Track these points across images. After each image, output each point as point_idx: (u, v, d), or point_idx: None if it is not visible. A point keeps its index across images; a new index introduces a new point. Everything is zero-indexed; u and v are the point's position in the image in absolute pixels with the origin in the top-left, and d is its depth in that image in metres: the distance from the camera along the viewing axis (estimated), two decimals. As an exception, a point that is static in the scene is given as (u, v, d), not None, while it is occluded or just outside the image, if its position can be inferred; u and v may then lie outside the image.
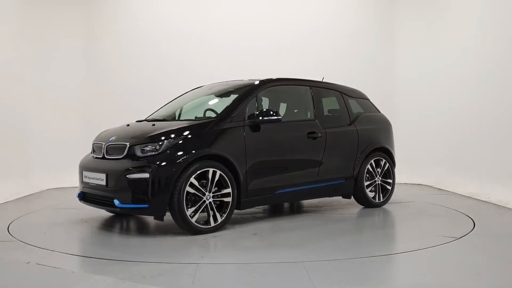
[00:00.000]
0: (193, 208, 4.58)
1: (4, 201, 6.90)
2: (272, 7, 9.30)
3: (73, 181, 6.97)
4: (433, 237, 4.72)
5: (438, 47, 8.82)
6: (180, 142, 4.65)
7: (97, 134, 5.54)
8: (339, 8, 9.45)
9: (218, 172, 4.71)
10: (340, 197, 6.44)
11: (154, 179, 4.44)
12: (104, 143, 4.99)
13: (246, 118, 5.10)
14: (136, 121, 5.73)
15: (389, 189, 6.39)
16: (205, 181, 4.66)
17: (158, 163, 4.50)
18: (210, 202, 4.68)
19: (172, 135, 4.68)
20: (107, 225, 5.23)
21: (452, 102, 8.34)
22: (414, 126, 8.92)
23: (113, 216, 5.70)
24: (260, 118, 5.08)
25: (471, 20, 7.91)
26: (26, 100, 8.35)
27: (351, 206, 6.32)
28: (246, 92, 5.33)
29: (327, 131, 5.75)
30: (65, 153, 8.55)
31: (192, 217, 4.58)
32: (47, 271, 3.52)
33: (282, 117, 5.74)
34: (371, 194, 6.20)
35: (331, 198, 6.73)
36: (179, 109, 5.81)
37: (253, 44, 9.14)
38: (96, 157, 5.09)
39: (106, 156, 4.91)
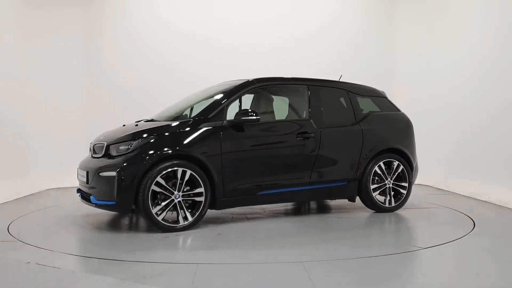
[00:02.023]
0: (159, 206, 4.68)
1: (4, 201, 6.90)
2: (273, 7, 9.30)
3: (73, 181, 6.96)
4: (433, 237, 4.73)
5: (438, 47, 8.82)
6: (149, 142, 4.79)
7: (97, 134, 5.65)
8: (339, 8, 9.46)
9: (189, 172, 4.77)
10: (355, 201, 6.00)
11: (119, 177, 4.61)
12: (93, 143, 5.28)
13: (226, 118, 5.10)
14: (136, 122, 5.73)
15: (403, 193, 5.94)
16: (177, 180, 4.75)
17: (125, 162, 4.67)
18: (179, 201, 4.76)
19: (143, 135, 4.84)
20: (107, 225, 5.23)
21: (452, 102, 8.34)
22: (414, 126, 8.87)
23: (113, 215, 5.69)
24: (238, 118, 5.07)
25: (471, 20, 7.91)
26: (26, 100, 8.34)
27: (361, 210, 6.00)
28: (228, 93, 5.32)
29: (323, 131, 5.53)
30: (65, 153, 8.56)
31: (158, 215, 4.68)
32: (47, 271, 3.52)
33: (272, 117, 5.72)
34: (381, 198, 5.86)
35: (345, 201, 6.35)
36: (189, 109, 5.75)
37: (253, 43, 9.14)
38: (90, 156, 5.31)
39: (93, 155, 5.17)
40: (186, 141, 4.87)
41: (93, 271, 3.59)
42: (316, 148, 5.49)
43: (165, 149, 4.76)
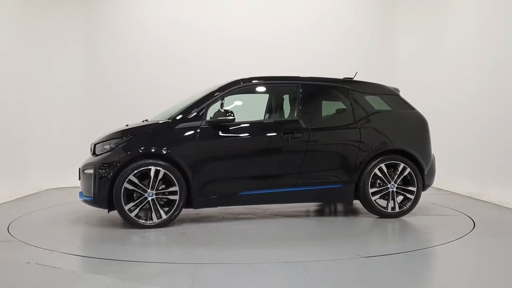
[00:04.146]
0: (132, 203, 4.87)
1: (4, 201, 6.90)
2: (274, 6, 9.32)
3: (73, 181, 6.97)
4: (433, 237, 4.73)
5: (439, 47, 8.82)
6: (126, 141, 5.00)
7: (97, 134, 5.68)
8: (339, 7, 9.47)
9: (162, 171, 4.89)
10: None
11: (95, 175, 4.89)
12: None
13: (206, 119, 5.14)
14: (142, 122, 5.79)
15: (410, 198, 5.53)
16: (151, 179, 4.89)
17: (102, 160, 4.96)
18: (153, 199, 4.90)
19: (122, 135, 5.06)
20: (107, 225, 5.22)
21: (452, 102, 8.34)
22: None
23: (115, 214, 5.69)
24: (215, 118, 5.09)
25: (471, 19, 7.91)
26: (26, 100, 8.35)
27: (367, 213, 5.72)
28: (210, 93, 5.33)
29: (313, 131, 5.33)
30: (65, 153, 8.57)
31: (131, 211, 4.87)
32: (47, 271, 3.52)
33: (259, 116, 5.73)
34: (384, 203, 5.51)
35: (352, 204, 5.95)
36: None
37: (256, 42, 9.14)
38: None
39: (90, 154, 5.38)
40: (160, 141, 5.01)
41: (93, 271, 3.59)
42: (304, 148, 5.30)
43: (137, 148, 4.94)
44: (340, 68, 8.26)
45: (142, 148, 4.94)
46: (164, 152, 4.95)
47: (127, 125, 5.41)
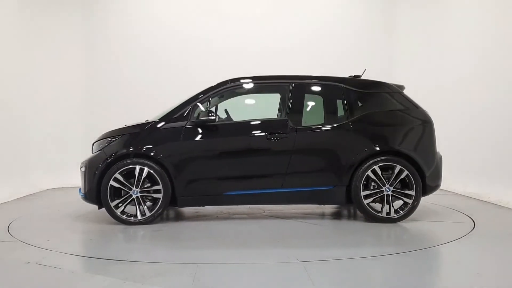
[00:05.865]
0: (117, 200, 5.07)
1: (4, 201, 6.90)
2: (275, 6, 9.33)
3: (74, 181, 6.98)
4: (433, 237, 4.73)
5: (439, 47, 8.81)
6: (115, 141, 5.21)
7: (97, 134, 5.70)
8: (339, 7, 9.48)
9: (146, 169, 5.05)
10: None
11: (85, 173, 5.17)
12: None
13: (191, 119, 5.21)
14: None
15: (408, 203, 5.20)
16: (135, 177, 5.08)
17: (92, 159, 5.22)
18: (137, 197, 5.08)
19: (113, 135, 5.28)
20: (107, 225, 5.22)
21: (452, 102, 8.34)
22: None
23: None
24: (198, 118, 5.15)
25: (472, 19, 7.90)
26: (27, 100, 8.35)
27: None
28: (197, 94, 5.39)
29: (300, 131, 5.21)
30: (65, 153, 8.57)
31: (117, 208, 5.07)
32: (47, 271, 3.52)
33: (253, 116, 5.66)
34: (379, 207, 5.27)
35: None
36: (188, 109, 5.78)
37: (256, 42, 9.15)
38: None
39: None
40: (145, 141, 5.16)
41: (93, 271, 3.59)
42: (290, 149, 5.18)
43: (124, 148, 5.13)
44: (340, 68, 8.25)
45: (129, 147, 5.12)
46: (149, 151, 5.11)
47: (125, 125, 5.47)
